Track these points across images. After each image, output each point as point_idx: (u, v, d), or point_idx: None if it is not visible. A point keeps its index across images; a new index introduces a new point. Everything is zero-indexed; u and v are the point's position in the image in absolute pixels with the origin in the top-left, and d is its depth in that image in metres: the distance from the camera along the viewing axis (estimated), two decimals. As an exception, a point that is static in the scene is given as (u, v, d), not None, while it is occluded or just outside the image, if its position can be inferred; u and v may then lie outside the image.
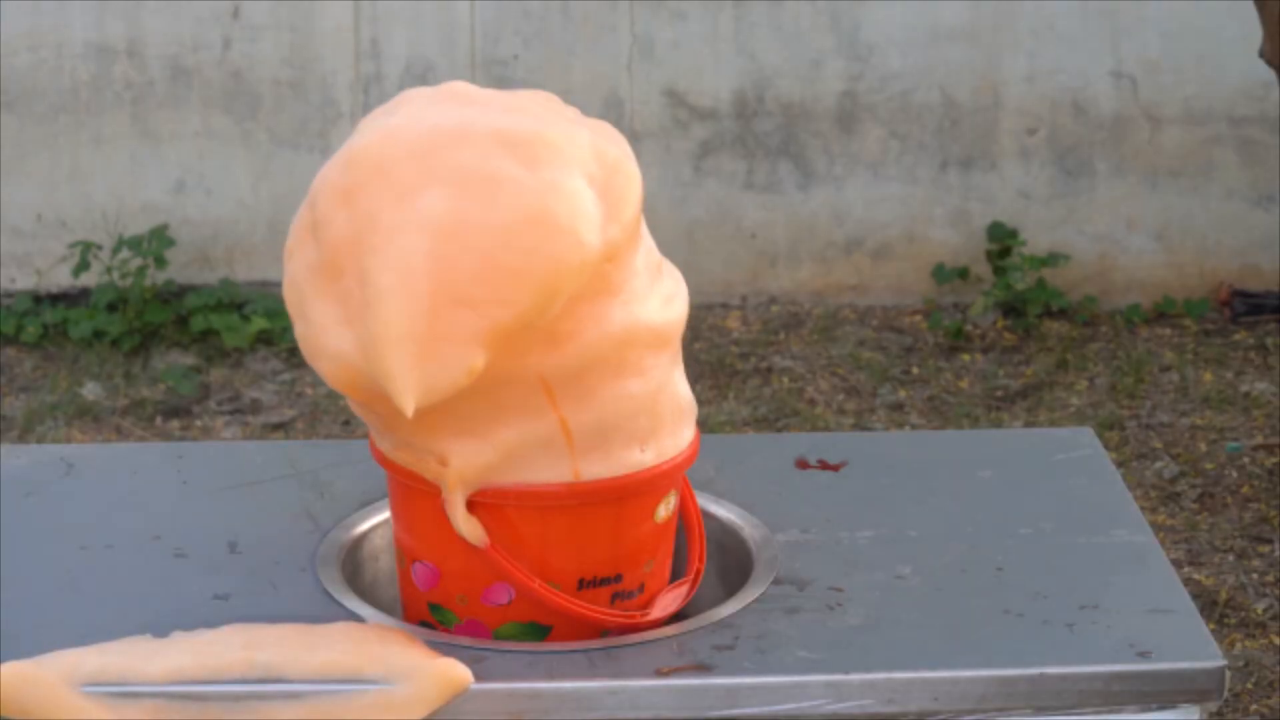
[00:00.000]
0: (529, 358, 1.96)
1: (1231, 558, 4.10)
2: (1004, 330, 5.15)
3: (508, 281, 1.92)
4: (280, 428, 4.74)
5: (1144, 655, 1.96)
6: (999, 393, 4.84)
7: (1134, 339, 5.11)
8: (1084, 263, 5.27)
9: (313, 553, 2.18)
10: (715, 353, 5.04)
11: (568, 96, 1.95)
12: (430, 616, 2.08)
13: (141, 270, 5.15)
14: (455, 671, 1.94)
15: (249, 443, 3.01)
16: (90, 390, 4.91)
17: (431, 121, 2.01)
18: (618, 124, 5.31)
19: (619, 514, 2.05)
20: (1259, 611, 3.91)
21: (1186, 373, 4.92)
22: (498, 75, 5.16)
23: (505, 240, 1.93)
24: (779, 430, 4.65)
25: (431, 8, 5.18)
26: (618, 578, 2.07)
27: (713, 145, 5.25)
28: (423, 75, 5.20)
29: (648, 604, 2.10)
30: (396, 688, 1.93)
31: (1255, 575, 4.03)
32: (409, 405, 1.91)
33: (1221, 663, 1.96)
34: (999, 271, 5.18)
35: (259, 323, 5.08)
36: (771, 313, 5.26)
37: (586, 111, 2.10)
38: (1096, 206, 5.27)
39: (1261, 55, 3.73)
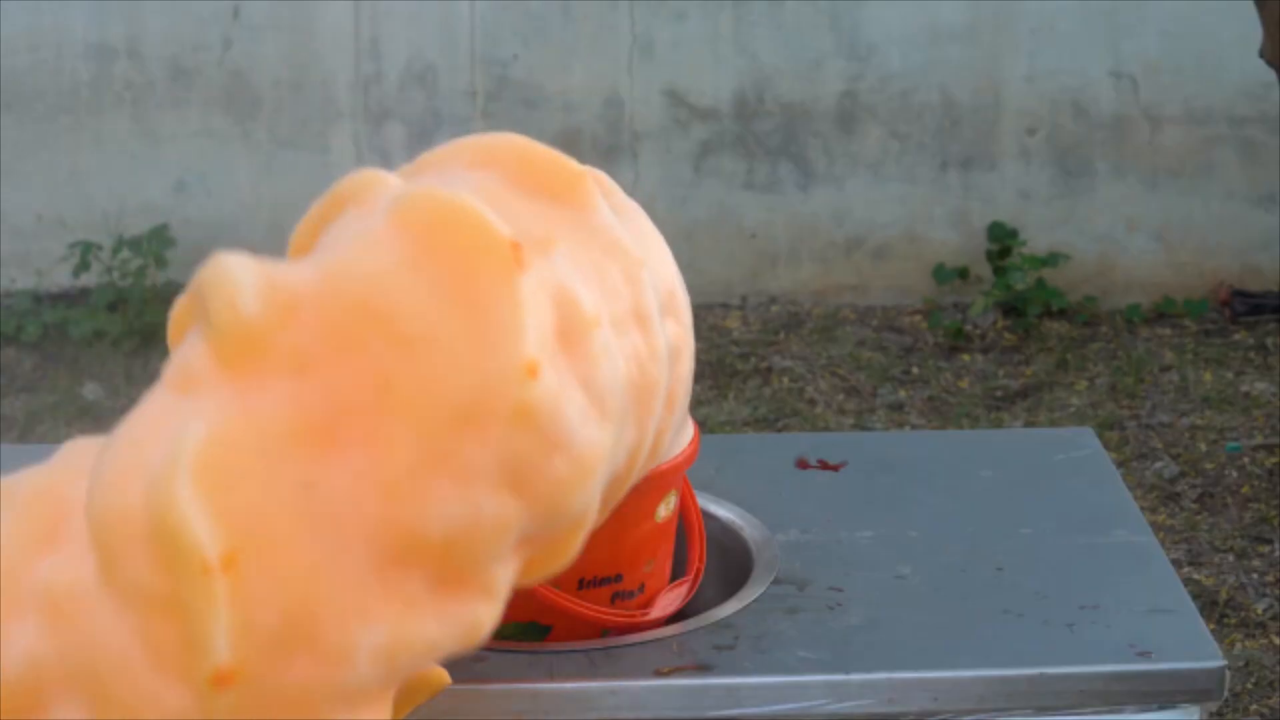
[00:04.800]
0: None
1: (1231, 558, 4.09)
2: (1004, 330, 5.15)
3: None
4: (280, 428, 4.74)
5: (1144, 655, 1.96)
6: (999, 393, 4.84)
7: (1134, 339, 5.11)
8: (1084, 263, 5.27)
9: (313, 553, 2.17)
10: (715, 353, 5.04)
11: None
12: (430, 616, 2.07)
13: (141, 270, 5.14)
14: (433, 672, 1.92)
15: (249, 443, 3.00)
16: (90, 390, 4.90)
17: None
18: (617, 124, 5.33)
19: (619, 514, 2.04)
20: (1259, 611, 3.91)
21: (1186, 373, 4.92)
22: (497, 75, 5.15)
23: None
24: (779, 430, 4.64)
25: (431, 8, 5.18)
26: (618, 577, 2.07)
27: (713, 145, 5.25)
28: (422, 75, 5.19)
29: (648, 604, 2.10)
30: None
31: (1255, 575, 4.03)
32: None
33: (1221, 663, 1.96)
34: (999, 271, 5.17)
35: (259, 323, 5.07)
36: (771, 313, 5.26)
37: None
38: (1096, 206, 5.27)
39: (1261, 55, 3.73)
